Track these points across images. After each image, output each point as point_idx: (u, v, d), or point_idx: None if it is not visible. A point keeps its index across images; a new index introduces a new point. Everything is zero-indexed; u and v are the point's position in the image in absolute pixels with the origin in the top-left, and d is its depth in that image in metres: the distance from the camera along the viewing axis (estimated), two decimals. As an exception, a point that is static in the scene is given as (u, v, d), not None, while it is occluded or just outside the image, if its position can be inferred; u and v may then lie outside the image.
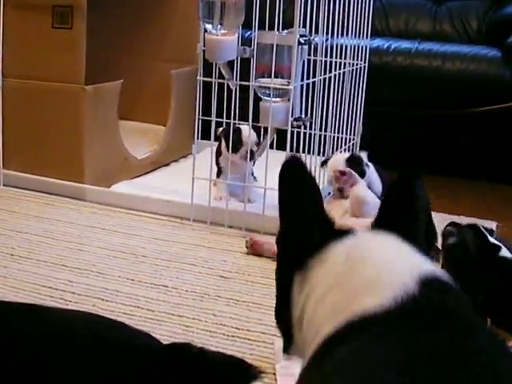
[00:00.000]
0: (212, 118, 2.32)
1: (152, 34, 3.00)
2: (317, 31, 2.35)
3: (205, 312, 1.70)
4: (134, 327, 1.07)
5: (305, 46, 2.25)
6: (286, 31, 2.21)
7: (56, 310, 1.20)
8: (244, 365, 1.02)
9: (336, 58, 2.52)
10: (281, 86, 2.19)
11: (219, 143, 2.50)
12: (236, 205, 2.34)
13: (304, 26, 2.23)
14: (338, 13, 2.42)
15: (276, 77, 2.18)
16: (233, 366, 1.02)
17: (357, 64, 2.65)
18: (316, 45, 2.42)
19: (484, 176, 2.98)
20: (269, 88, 2.19)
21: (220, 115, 2.35)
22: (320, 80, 2.44)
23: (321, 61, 2.45)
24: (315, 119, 2.46)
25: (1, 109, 2.56)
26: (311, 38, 2.27)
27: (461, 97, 3.00)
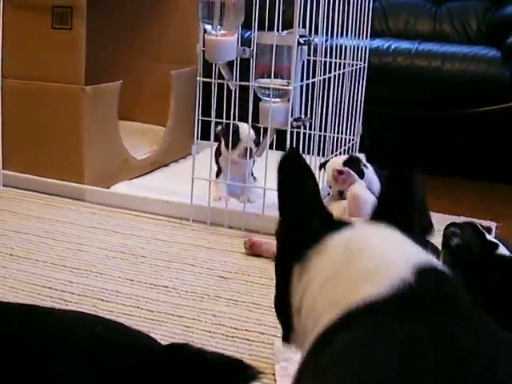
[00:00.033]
0: (212, 119, 2.32)
1: (152, 35, 3.00)
2: (316, 32, 2.35)
3: (204, 312, 1.70)
4: (133, 328, 1.07)
5: (304, 47, 2.25)
6: (286, 32, 2.21)
7: (55, 311, 1.20)
8: (242, 365, 1.03)
9: (336, 59, 2.52)
10: (280, 87, 2.19)
11: (219, 143, 2.51)
12: (236, 205, 2.34)
13: (304, 27, 2.23)
14: (338, 13, 2.43)
15: (276, 77, 2.18)
16: (231, 367, 1.02)
17: (356, 64, 2.65)
18: (316, 45, 2.42)
19: (484, 176, 2.98)
20: (268, 88, 2.19)
21: (220, 116, 2.35)
22: (320, 80, 2.44)
23: (320, 61, 2.45)
24: (315, 120, 2.46)
25: (0, 109, 2.56)
26: (311, 39, 2.27)
27: (460, 97, 3.00)
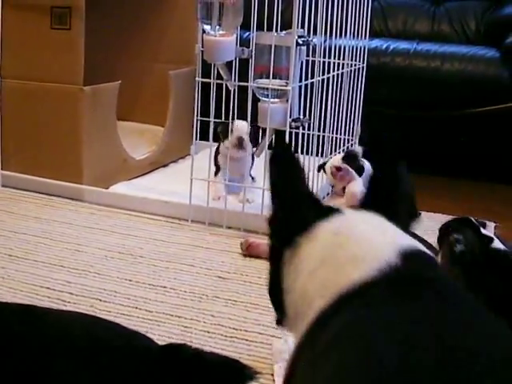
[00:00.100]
0: (210, 119, 2.32)
1: (150, 35, 3.00)
2: (315, 32, 2.35)
3: (203, 313, 1.70)
4: (130, 328, 1.07)
5: (303, 47, 2.25)
6: (285, 32, 2.21)
7: (53, 311, 1.20)
8: (239, 365, 1.03)
9: (334, 59, 2.52)
10: (279, 87, 2.19)
11: (219, 143, 2.51)
12: (234, 205, 2.34)
13: (302, 27, 2.23)
14: (337, 13, 2.43)
15: (274, 78, 2.18)
16: (228, 367, 1.02)
17: (355, 65, 2.65)
18: (314, 45, 2.42)
19: (483, 176, 2.98)
20: (267, 89, 2.19)
21: (218, 116, 2.35)
22: (318, 81, 2.44)
23: (319, 62, 2.45)
24: (313, 120, 2.46)
25: (-1, 110, 2.57)
26: (309, 39, 2.27)
27: (459, 97, 3.00)
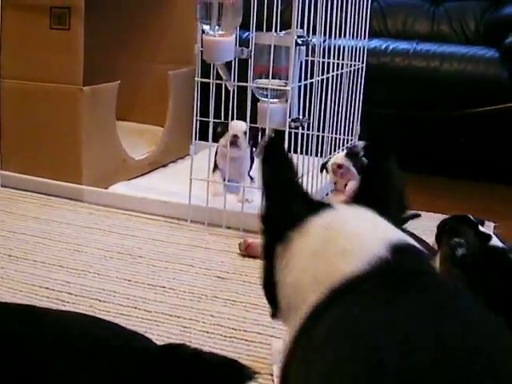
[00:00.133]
0: (210, 119, 2.32)
1: (150, 35, 3.00)
2: (314, 32, 2.35)
3: (202, 313, 1.70)
4: (129, 328, 1.07)
5: (302, 47, 2.25)
6: (284, 32, 2.21)
7: (52, 312, 1.20)
8: (238, 365, 1.03)
9: (334, 59, 2.52)
10: (278, 87, 2.19)
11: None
12: (234, 205, 2.34)
13: (302, 27, 2.23)
14: (336, 14, 2.43)
15: (274, 78, 2.18)
16: (227, 367, 1.02)
17: (355, 65, 2.65)
18: (314, 46, 2.42)
19: (483, 176, 2.98)
20: (266, 89, 2.19)
21: (218, 116, 2.35)
22: (318, 81, 2.44)
23: (318, 62, 2.45)
24: (313, 120, 2.46)
25: (-2, 110, 2.57)
26: (309, 39, 2.27)
27: (459, 98, 3.00)
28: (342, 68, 2.58)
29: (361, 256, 0.81)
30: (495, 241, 1.56)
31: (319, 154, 2.52)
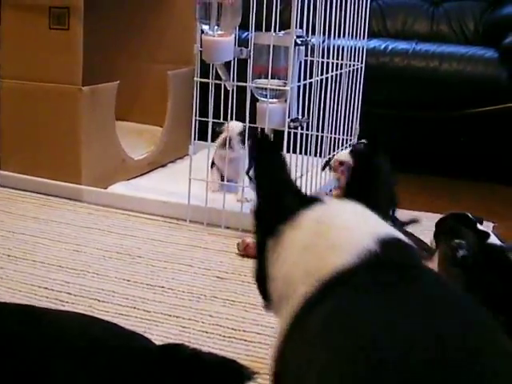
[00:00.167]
0: (209, 119, 2.32)
1: (149, 35, 3.00)
2: (314, 32, 2.35)
3: (201, 313, 1.70)
4: (128, 328, 1.07)
5: (302, 47, 2.25)
6: (283, 32, 2.21)
7: (51, 311, 1.20)
8: (237, 365, 1.03)
9: (333, 59, 2.52)
10: (277, 87, 2.19)
11: None
12: (233, 205, 2.34)
13: (301, 27, 2.23)
14: (335, 13, 2.43)
15: (273, 78, 2.18)
16: (226, 367, 1.02)
17: (354, 65, 2.65)
18: (313, 46, 2.42)
19: (483, 177, 2.98)
20: (265, 89, 2.19)
21: (217, 116, 2.35)
22: (317, 81, 2.44)
23: (318, 62, 2.45)
24: (312, 120, 2.46)
25: (-2, 110, 2.57)
26: (308, 39, 2.28)
27: (458, 98, 3.00)
28: (342, 68, 2.58)
29: (350, 250, 0.82)
30: (493, 239, 1.56)
31: (318, 154, 2.52)
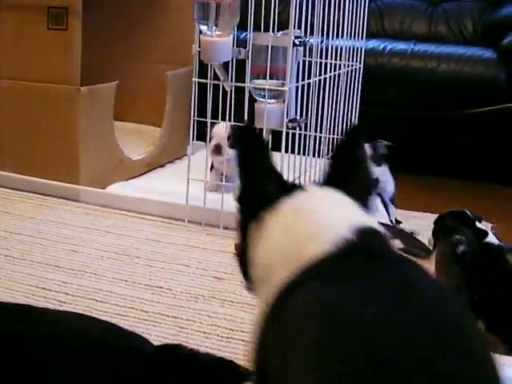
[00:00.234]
0: (207, 120, 2.32)
1: (147, 36, 3.00)
2: (312, 32, 2.35)
3: (199, 313, 1.70)
4: (126, 328, 1.07)
5: (300, 48, 2.25)
6: (281, 32, 2.21)
7: (49, 312, 1.20)
8: (234, 366, 1.03)
9: (331, 60, 2.52)
10: (276, 88, 2.19)
11: None
12: (231, 206, 2.33)
13: (299, 28, 2.23)
14: (334, 14, 2.43)
15: (271, 78, 2.18)
16: (223, 367, 1.03)
17: (352, 65, 2.65)
18: (311, 46, 2.42)
19: (482, 177, 2.98)
20: (264, 89, 2.19)
21: (215, 117, 2.35)
22: (315, 81, 2.44)
23: (316, 62, 2.45)
24: (310, 121, 2.46)
25: (-5, 110, 2.57)
26: (306, 40, 2.27)
27: (456, 98, 3.00)
28: (340, 68, 2.57)
29: (328, 237, 0.85)
30: (491, 238, 1.56)
31: (317, 155, 2.52)
